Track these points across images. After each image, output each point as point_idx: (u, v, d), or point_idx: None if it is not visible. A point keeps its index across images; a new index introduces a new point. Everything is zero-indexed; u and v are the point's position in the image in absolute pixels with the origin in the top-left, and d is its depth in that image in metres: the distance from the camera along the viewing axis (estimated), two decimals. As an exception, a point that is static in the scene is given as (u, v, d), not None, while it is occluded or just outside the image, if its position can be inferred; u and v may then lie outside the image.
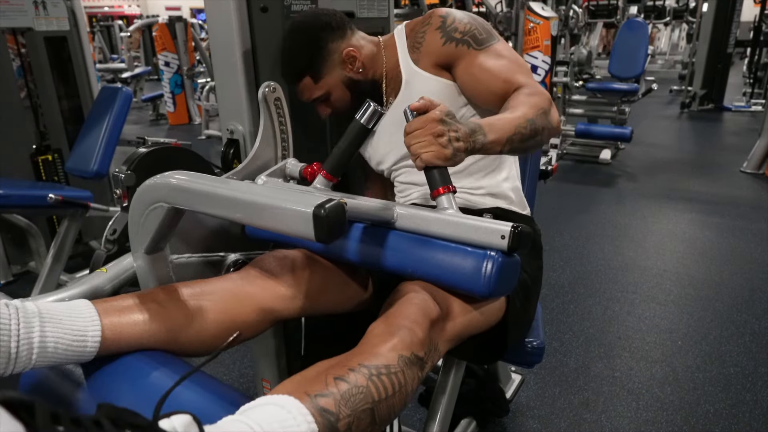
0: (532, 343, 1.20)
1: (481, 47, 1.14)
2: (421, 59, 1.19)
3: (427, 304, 0.84)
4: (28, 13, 2.51)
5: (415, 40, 1.20)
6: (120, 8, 18.25)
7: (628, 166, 4.60)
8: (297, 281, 0.99)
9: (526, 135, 1.02)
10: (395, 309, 0.82)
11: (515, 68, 1.13)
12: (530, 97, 1.07)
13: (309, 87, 1.21)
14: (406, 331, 0.77)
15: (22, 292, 2.39)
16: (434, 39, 1.16)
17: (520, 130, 1.01)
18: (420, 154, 0.92)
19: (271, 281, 0.97)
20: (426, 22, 1.19)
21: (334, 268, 1.07)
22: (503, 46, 1.17)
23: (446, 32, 1.15)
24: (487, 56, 1.14)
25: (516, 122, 1.01)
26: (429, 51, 1.18)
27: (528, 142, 1.04)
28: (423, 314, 0.81)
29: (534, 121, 1.02)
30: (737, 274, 2.60)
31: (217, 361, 1.97)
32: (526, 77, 1.13)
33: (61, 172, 2.70)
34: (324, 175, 1.04)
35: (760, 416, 1.66)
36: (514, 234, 0.81)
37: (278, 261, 1.01)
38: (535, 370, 1.84)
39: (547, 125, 1.06)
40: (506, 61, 1.14)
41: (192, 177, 0.84)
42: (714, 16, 6.78)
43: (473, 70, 1.14)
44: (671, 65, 12.44)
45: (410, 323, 0.78)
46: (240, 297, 0.92)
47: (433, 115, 0.92)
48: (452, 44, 1.14)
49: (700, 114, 6.98)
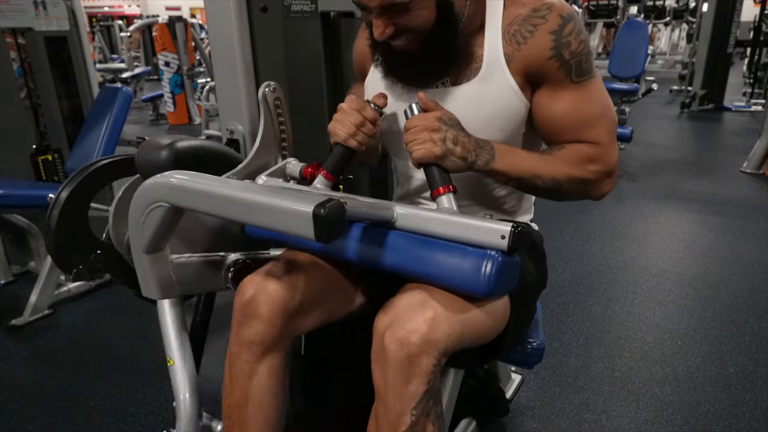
0: (532, 343, 1.19)
1: (579, 79, 0.96)
2: (516, 59, 0.96)
3: (433, 331, 0.82)
4: (28, 13, 2.50)
5: (520, 30, 0.95)
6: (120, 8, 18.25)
7: (628, 166, 4.59)
8: (310, 290, 1.01)
9: (541, 188, 0.97)
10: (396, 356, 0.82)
11: (599, 122, 0.97)
12: (584, 160, 0.96)
13: None
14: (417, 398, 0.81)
15: (22, 292, 2.39)
16: (543, 43, 0.94)
17: (536, 180, 0.96)
18: (412, 150, 0.92)
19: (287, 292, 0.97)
20: (541, 14, 0.95)
21: (335, 272, 1.07)
22: (599, 85, 0.99)
23: (559, 43, 0.93)
24: (579, 93, 0.96)
25: (538, 171, 0.95)
26: (529, 55, 0.95)
27: (541, 194, 1.01)
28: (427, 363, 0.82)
29: (559, 183, 0.96)
30: (737, 274, 2.60)
31: (218, 361, 1.96)
32: (605, 134, 0.97)
33: (61, 172, 2.69)
34: (324, 175, 1.04)
35: (760, 416, 1.66)
36: (514, 234, 0.81)
37: (287, 270, 1.01)
38: (535, 370, 1.84)
39: (577, 192, 0.99)
40: (596, 108, 0.97)
41: (192, 177, 0.84)
42: (714, 16, 6.77)
43: (559, 105, 0.97)
44: (671, 65, 12.43)
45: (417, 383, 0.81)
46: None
47: (435, 113, 0.92)
48: (556, 62, 0.94)
49: (700, 114, 6.97)
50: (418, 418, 0.82)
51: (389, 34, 0.92)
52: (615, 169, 1.00)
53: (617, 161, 1.00)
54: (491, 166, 0.94)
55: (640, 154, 4.96)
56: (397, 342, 0.80)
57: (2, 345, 2.10)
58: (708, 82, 7.04)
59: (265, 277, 0.97)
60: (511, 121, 1.01)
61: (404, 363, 0.80)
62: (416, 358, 0.80)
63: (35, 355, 2.04)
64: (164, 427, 1.64)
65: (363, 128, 0.99)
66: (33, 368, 1.96)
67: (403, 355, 0.80)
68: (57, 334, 2.17)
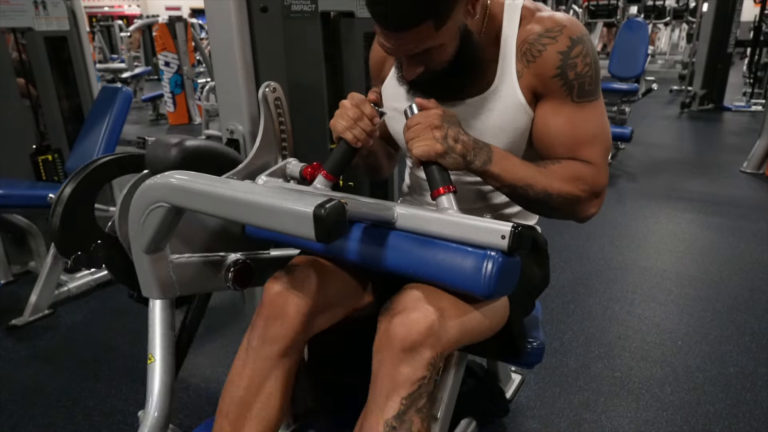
0: (532, 343, 1.19)
1: (579, 100, 0.98)
2: (525, 75, 0.99)
3: (435, 333, 0.83)
4: (28, 13, 2.50)
5: (531, 49, 0.98)
6: (120, 8, 18.25)
7: (628, 166, 4.60)
8: (326, 292, 1.02)
9: (531, 198, 0.98)
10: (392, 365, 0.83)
11: (593, 144, 0.99)
12: (576, 177, 0.97)
13: (425, 35, 0.89)
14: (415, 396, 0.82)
15: (22, 292, 2.39)
16: (550, 62, 0.97)
17: (527, 190, 0.96)
18: (413, 147, 0.92)
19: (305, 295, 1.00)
20: (551, 35, 0.97)
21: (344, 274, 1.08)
22: (599, 109, 1.01)
23: (565, 63, 0.96)
24: (578, 112, 0.98)
25: (531, 180, 0.96)
26: (537, 73, 0.98)
27: (530, 205, 1.02)
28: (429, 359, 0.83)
29: (550, 197, 0.97)
30: (737, 274, 2.60)
31: (218, 361, 1.97)
32: (598, 155, 0.99)
33: (61, 172, 2.69)
34: (324, 175, 1.04)
35: (760, 416, 1.66)
36: (514, 234, 0.81)
37: (307, 272, 1.02)
38: (535, 370, 1.84)
39: (565, 210, 1.00)
40: (591, 129, 0.99)
41: (192, 177, 0.84)
42: (714, 16, 6.77)
43: (557, 120, 0.99)
44: (671, 65, 12.44)
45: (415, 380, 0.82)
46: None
47: (436, 111, 0.93)
48: (560, 81, 0.97)
49: (700, 114, 6.97)
50: (407, 408, 0.82)
51: (419, 72, 0.97)
52: (603, 191, 1.01)
53: (606, 185, 1.02)
54: (487, 168, 0.95)
55: (640, 154, 4.96)
56: (403, 326, 0.82)
57: (2, 345, 2.10)
58: (708, 82, 7.04)
59: (291, 277, 1.00)
60: (517, 136, 1.03)
61: (406, 347, 0.82)
62: (418, 347, 0.82)
63: (35, 355, 2.04)
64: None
65: (360, 122, 1.00)
66: (33, 368, 1.96)
67: (406, 340, 0.82)
68: (57, 334, 2.17)
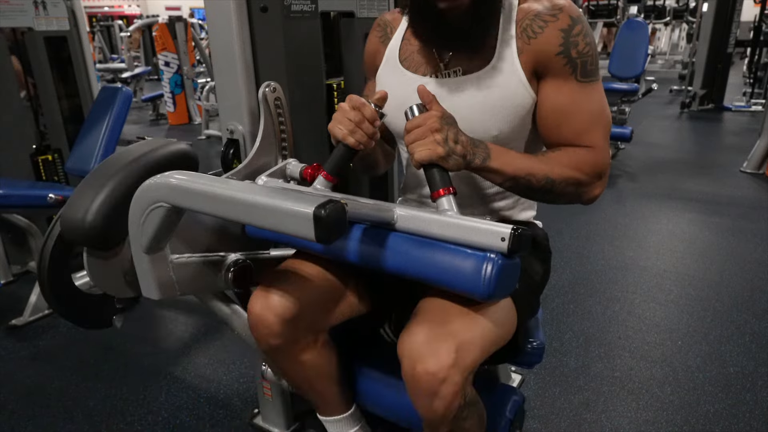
0: (532, 343, 1.20)
1: (583, 79, 0.99)
2: (525, 52, 1.01)
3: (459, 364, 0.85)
4: (28, 13, 2.51)
5: (531, 25, 1.00)
6: (120, 8, 18.24)
7: (628, 166, 4.60)
8: (312, 297, 1.03)
9: (535, 187, 0.98)
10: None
11: (596, 124, 1.01)
12: (577, 162, 0.99)
13: None
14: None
15: (22, 292, 2.39)
16: (553, 39, 0.98)
17: (530, 179, 0.97)
18: (415, 151, 0.92)
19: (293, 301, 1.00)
20: (552, 13, 0.99)
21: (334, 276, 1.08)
22: (600, 90, 1.03)
23: (568, 41, 0.98)
24: (580, 91, 1.00)
25: (532, 170, 0.97)
26: (539, 50, 1.00)
27: (534, 194, 1.02)
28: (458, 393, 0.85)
29: (553, 182, 0.98)
30: (737, 274, 2.60)
31: (218, 361, 1.97)
32: (600, 138, 1.01)
33: (61, 172, 2.70)
34: (324, 176, 1.04)
35: (760, 416, 1.66)
36: (514, 236, 0.81)
37: (287, 280, 1.03)
38: (535, 370, 1.84)
39: (569, 194, 1.00)
40: (595, 109, 1.01)
41: (192, 177, 0.84)
42: (714, 16, 6.76)
43: (560, 99, 1.00)
44: (671, 65, 12.43)
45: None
46: None
47: (435, 113, 0.93)
48: (564, 58, 0.98)
49: (700, 114, 6.97)
50: (459, 423, 0.90)
51: None
52: (606, 171, 1.03)
53: (608, 165, 1.03)
54: (487, 164, 0.96)
55: (640, 154, 4.96)
56: (428, 374, 0.83)
57: (2, 345, 2.10)
58: (708, 82, 7.03)
59: (272, 293, 1.01)
60: (518, 113, 1.03)
61: (434, 392, 0.84)
62: (448, 386, 0.83)
63: (35, 355, 2.04)
64: (165, 428, 1.65)
65: (362, 126, 0.99)
66: (33, 368, 1.96)
67: (435, 384, 0.83)
68: (57, 334, 2.17)
